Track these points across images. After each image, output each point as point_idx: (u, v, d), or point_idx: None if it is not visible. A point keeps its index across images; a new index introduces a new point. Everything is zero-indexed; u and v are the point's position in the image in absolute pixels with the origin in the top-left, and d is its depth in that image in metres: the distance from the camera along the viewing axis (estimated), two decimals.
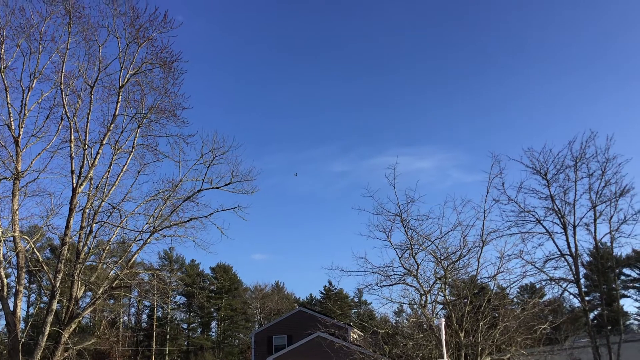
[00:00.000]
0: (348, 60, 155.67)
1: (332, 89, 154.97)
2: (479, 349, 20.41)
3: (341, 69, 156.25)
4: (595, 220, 28.11)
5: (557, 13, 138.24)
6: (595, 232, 28.21)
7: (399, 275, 22.30)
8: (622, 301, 74.29)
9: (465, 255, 22.00)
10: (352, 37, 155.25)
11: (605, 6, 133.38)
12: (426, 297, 21.91)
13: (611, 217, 27.96)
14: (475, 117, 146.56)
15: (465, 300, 21.80)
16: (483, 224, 22.28)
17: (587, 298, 39.54)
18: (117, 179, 24.54)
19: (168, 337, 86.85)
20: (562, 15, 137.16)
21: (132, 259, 24.82)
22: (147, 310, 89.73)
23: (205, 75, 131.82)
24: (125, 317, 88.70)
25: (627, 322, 74.50)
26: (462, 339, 20.39)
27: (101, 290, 23.72)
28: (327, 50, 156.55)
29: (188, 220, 24.70)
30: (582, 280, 30.34)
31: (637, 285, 78.07)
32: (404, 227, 22.14)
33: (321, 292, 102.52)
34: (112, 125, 24.45)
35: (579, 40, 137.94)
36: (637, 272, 77.20)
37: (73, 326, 22.91)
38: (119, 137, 24.93)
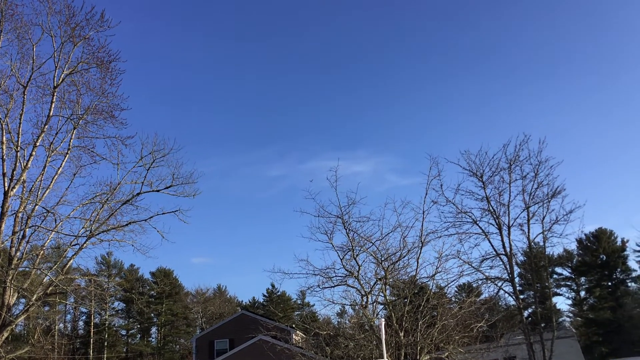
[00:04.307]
0: (286, 60, 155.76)
1: (267, 93, 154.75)
2: (418, 347, 20.80)
3: (279, 69, 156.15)
4: (528, 220, 29.08)
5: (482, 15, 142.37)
6: (528, 232, 29.18)
7: (341, 276, 22.53)
8: (555, 299, 76.59)
9: (405, 256, 22.47)
10: (305, 36, 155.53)
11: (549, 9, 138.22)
12: (367, 297, 22.18)
13: (543, 218, 28.99)
14: (406, 120, 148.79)
15: (405, 300, 22.21)
16: (422, 225, 22.80)
17: (521, 296, 40.75)
18: (51, 182, 23.81)
19: (106, 344, 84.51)
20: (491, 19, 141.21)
21: (68, 265, 24.09)
22: (84, 317, 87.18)
23: (145, 74, 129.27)
24: (61, 324, 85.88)
25: (560, 319, 76.85)
26: (402, 338, 20.73)
27: (35, 297, 22.95)
28: (264, 50, 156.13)
29: (127, 224, 24.22)
30: (517, 279, 31.36)
31: (568, 283, 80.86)
32: (346, 229, 22.41)
33: (264, 295, 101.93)
34: (46, 127, 23.72)
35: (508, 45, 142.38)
36: (569, 271, 79.99)
37: (5, 334, 22.08)
38: (54, 138, 24.20)
